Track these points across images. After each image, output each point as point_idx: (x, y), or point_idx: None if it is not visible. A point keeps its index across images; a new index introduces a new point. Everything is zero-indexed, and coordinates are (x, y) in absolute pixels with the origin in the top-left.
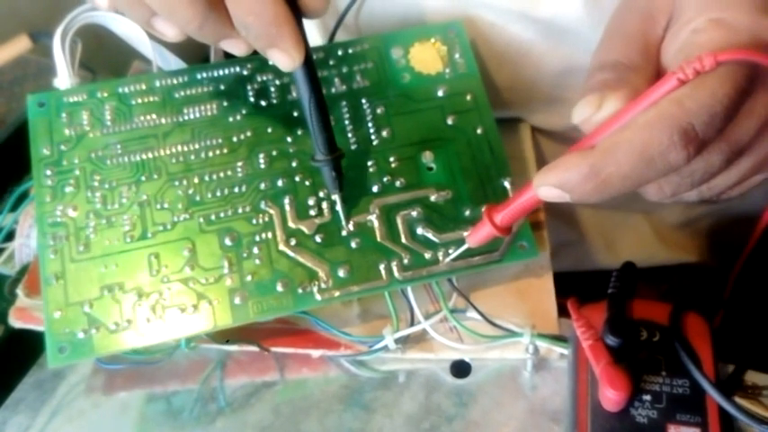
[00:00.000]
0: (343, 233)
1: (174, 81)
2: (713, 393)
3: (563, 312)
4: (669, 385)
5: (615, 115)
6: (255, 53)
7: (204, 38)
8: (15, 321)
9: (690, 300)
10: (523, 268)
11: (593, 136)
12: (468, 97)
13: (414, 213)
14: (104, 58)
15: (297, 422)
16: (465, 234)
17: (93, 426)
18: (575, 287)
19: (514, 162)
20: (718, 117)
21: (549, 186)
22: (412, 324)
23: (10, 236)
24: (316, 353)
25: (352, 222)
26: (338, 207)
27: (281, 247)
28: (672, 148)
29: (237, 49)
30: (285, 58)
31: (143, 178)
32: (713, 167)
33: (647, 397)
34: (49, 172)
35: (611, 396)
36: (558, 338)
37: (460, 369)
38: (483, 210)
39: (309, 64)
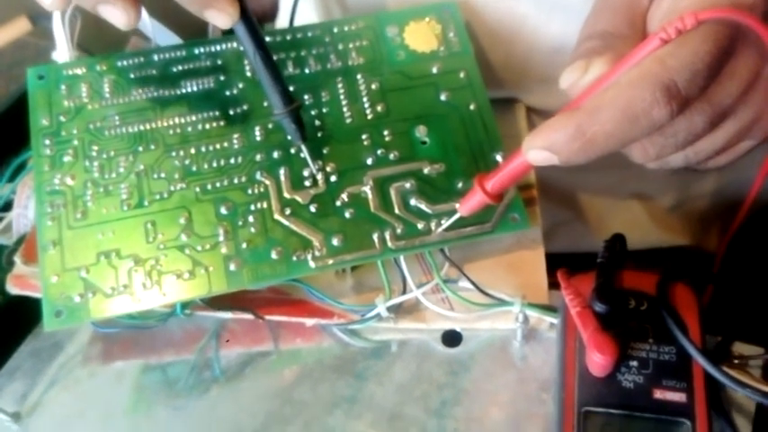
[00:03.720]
0: (337, 203)
1: (172, 55)
2: (698, 358)
3: (554, 287)
4: (656, 352)
5: (600, 78)
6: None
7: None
8: (13, 288)
9: (679, 271)
10: (515, 242)
11: (580, 99)
12: (462, 74)
13: (407, 185)
14: (102, 37)
15: (290, 390)
16: (457, 205)
17: (89, 394)
18: (567, 267)
19: (509, 140)
20: (701, 74)
21: (537, 149)
22: (404, 293)
23: (7, 206)
24: (309, 321)
25: (346, 193)
26: (305, 155)
27: (276, 216)
28: (655, 104)
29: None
30: (222, 16)
31: (140, 149)
32: (697, 128)
33: (634, 363)
34: (47, 142)
35: (597, 361)
36: (548, 308)
37: (452, 339)
38: (474, 178)
39: (248, 20)
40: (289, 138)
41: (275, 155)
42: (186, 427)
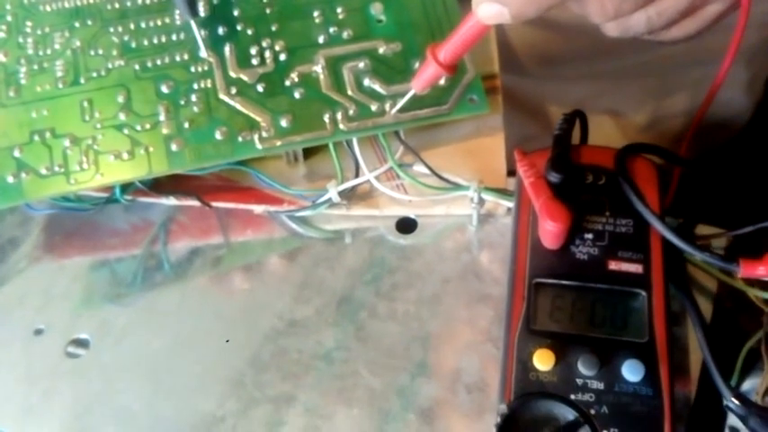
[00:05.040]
0: (287, 83)
1: None
2: (654, 222)
3: (514, 175)
4: (612, 224)
5: None
6: None
7: None
8: None
9: (642, 148)
10: (474, 129)
11: None
12: None
13: (361, 65)
14: None
15: (240, 281)
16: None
17: (32, 284)
18: None
19: None
20: None
21: (487, 3)
22: (357, 177)
23: None
24: (258, 208)
25: (296, 72)
26: (195, 33)
27: (221, 95)
28: None
29: None
30: None
31: (77, 24)
32: None
33: (589, 235)
34: None
35: (550, 229)
36: (506, 192)
37: (406, 226)
38: (427, 49)
39: None
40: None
41: (220, 31)
42: (134, 324)
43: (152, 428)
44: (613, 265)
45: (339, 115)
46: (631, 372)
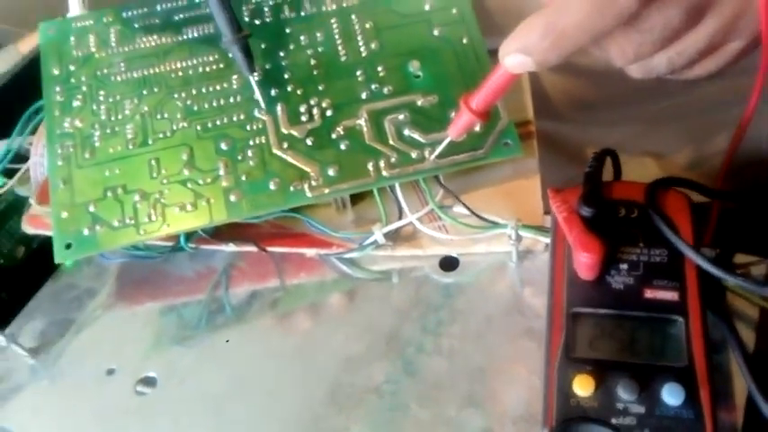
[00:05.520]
0: (333, 136)
1: (174, 5)
2: (685, 250)
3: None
4: (647, 255)
5: None
6: None
7: None
8: (28, 227)
9: (674, 181)
10: (512, 173)
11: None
12: (455, 11)
13: (401, 117)
14: None
15: (295, 322)
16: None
17: (106, 333)
18: None
19: None
20: None
21: (512, 54)
22: (400, 219)
23: (25, 158)
24: (309, 252)
25: (341, 126)
26: (254, 87)
27: (274, 150)
28: None
29: None
30: None
31: (145, 92)
32: (672, 21)
33: (624, 266)
34: (58, 89)
35: (584, 260)
36: (543, 229)
37: (449, 264)
38: (460, 99)
39: None
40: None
41: (272, 92)
42: (198, 364)
43: None
44: (649, 294)
45: (382, 163)
46: (672, 395)
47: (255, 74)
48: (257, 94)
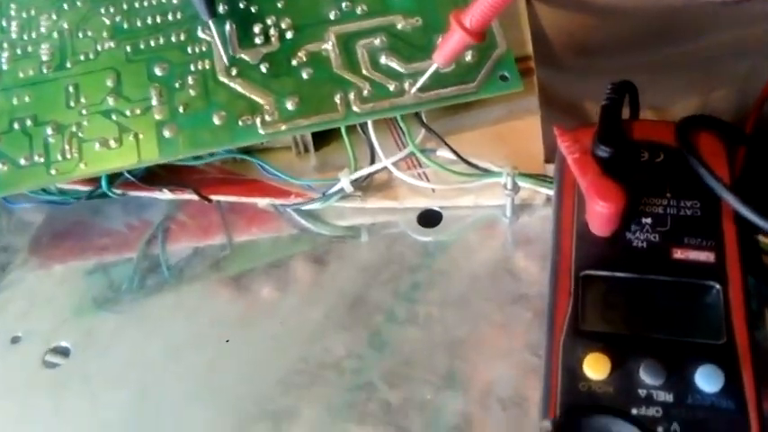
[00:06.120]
0: (293, 62)
1: None
2: (730, 198)
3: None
4: (675, 207)
5: None
6: None
7: None
8: None
9: (704, 122)
10: (506, 113)
11: None
12: None
13: (376, 42)
14: None
15: (241, 284)
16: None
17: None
18: None
19: None
20: None
21: None
22: (372, 164)
23: None
24: (262, 201)
25: (303, 51)
26: (213, 35)
27: (221, 77)
28: None
29: None
30: None
31: (65, 6)
32: None
33: (647, 220)
34: None
35: (600, 210)
36: (544, 178)
37: (429, 220)
38: (450, 16)
39: None
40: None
41: (220, 9)
42: (123, 332)
43: None
44: (679, 254)
45: (352, 96)
46: (707, 380)
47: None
48: (219, 46)
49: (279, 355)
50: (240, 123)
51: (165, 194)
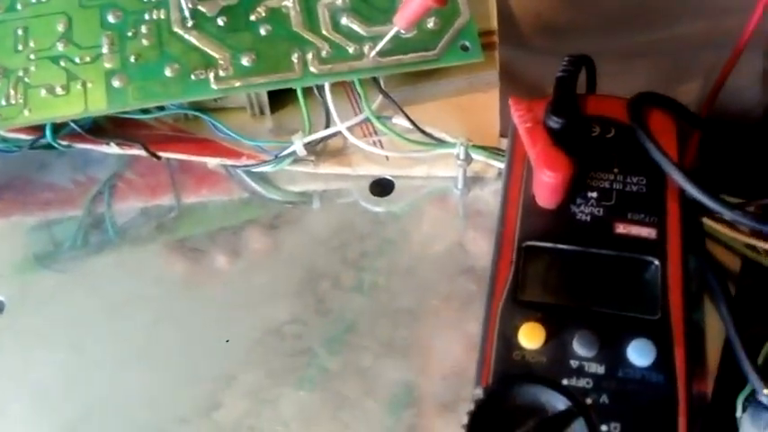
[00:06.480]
0: (252, 17)
1: None
2: (676, 174)
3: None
4: (621, 182)
5: None
6: None
7: None
8: None
9: (658, 100)
10: (467, 85)
11: None
12: None
13: (338, 2)
14: None
15: (187, 246)
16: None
17: None
18: None
19: None
20: None
21: None
22: (328, 127)
23: None
24: (213, 161)
25: (263, 6)
26: None
27: (175, 28)
28: None
29: None
30: None
31: None
32: None
33: (593, 194)
34: None
35: (547, 179)
36: (497, 152)
37: (382, 188)
38: None
39: None
40: None
41: None
42: (60, 290)
43: (70, 407)
44: (621, 228)
45: (310, 56)
46: (639, 354)
47: None
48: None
49: (221, 319)
50: (193, 77)
51: (113, 148)
